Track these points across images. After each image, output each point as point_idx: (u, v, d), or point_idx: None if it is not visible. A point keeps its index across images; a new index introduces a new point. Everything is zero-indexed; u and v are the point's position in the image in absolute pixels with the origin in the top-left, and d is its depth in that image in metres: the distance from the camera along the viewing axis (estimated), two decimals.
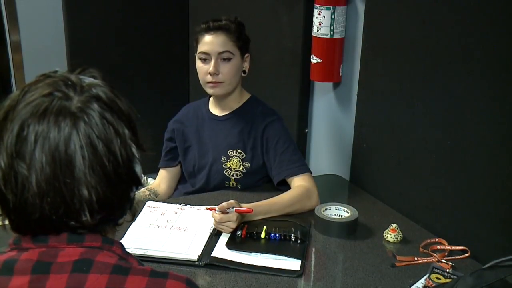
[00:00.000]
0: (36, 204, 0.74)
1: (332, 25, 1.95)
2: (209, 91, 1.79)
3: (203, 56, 1.76)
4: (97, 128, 0.76)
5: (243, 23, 1.82)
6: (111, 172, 0.77)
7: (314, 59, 2.04)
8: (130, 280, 0.76)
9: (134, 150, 0.82)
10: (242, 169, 1.82)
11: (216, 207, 1.53)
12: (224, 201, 1.53)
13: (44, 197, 0.74)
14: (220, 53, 1.74)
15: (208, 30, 1.75)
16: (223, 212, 1.52)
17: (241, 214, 1.54)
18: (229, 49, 1.75)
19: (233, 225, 1.52)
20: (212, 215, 1.55)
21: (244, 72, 1.83)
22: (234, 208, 1.52)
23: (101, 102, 0.78)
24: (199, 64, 1.78)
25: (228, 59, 1.75)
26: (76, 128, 0.75)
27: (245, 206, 1.57)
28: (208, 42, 1.74)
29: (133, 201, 0.85)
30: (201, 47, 1.76)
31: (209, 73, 1.74)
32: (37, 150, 0.73)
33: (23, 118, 0.75)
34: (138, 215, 0.86)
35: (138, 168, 0.83)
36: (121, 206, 0.82)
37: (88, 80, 0.81)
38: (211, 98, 1.90)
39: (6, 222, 0.80)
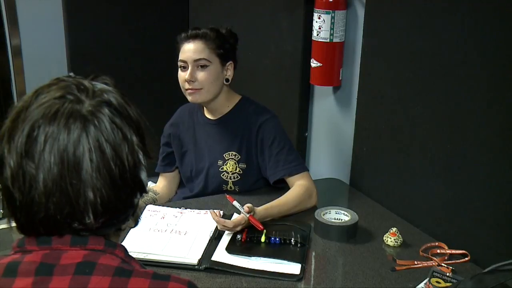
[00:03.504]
0: (42, 203, 0.75)
1: (332, 29, 1.95)
2: (188, 98, 1.80)
3: (182, 64, 1.77)
4: (106, 132, 0.77)
5: (233, 33, 1.82)
6: (117, 176, 0.78)
7: (314, 63, 2.04)
8: (132, 282, 0.77)
9: (141, 156, 0.83)
10: (239, 171, 1.83)
11: (234, 201, 1.57)
12: (224, 205, 1.54)
13: (50, 196, 0.75)
14: (196, 61, 1.74)
15: (186, 38, 1.77)
16: (237, 208, 1.55)
17: (251, 222, 1.55)
18: (205, 57, 1.75)
19: (239, 228, 1.54)
20: (218, 220, 1.54)
21: (227, 80, 1.82)
22: (249, 215, 1.53)
23: (112, 108, 0.80)
24: (179, 72, 1.80)
25: (205, 66, 1.75)
26: (85, 131, 0.76)
27: (257, 209, 1.59)
28: (186, 50, 1.76)
29: (137, 207, 0.86)
30: (180, 55, 1.78)
31: (186, 81, 1.75)
32: (46, 150, 0.75)
33: (34, 119, 0.76)
34: (140, 221, 0.88)
35: (143, 175, 0.84)
36: (124, 211, 0.83)
37: (100, 85, 0.83)
38: None
39: (13, 224, 0.81)
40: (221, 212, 1.66)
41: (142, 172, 0.84)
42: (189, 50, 1.75)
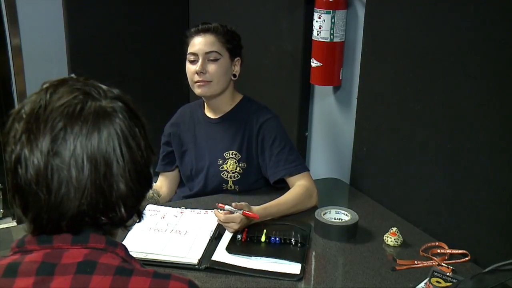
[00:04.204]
0: (75, 200, 0.77)
1: (332, 29, 1.95)
2: (197, 91, 1.80)
3: (192, 57, 1.78)
4: (129, 127, 0.81)
5: (236, 32, 1.84)
6: (141, 169, 0.82)
7: (314, 63, 2.04)
8: (133, 281, 0.77)
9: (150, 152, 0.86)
10: (239, 170, 1.83)
11: (225, 206, 1.55)
12: (224, 204, 1.54)
13: (84, 193, 0.77)
14: (207, 53, 1.76)
15: (197, 32, 1.78)
16: (231, 212, 1.53)
17: (248, 218, 1.55)
18: (217, 50, 1.76)
19: (236, 226, 1.53)
20: (216, 214, 1.56)
21: (234, 75, 1.83)
22: (242, 211, 1.53)
23: (125, 105, 0.83)
24: (188, 65, 1.80)
25: (216, 59, 1.77)
26: (113, 127, 0.79)
27: (255, 209, 1.59)
28: (197, 43, 1.77)
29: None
30: (190, 49, 1.79)
31: (196, 72, 1.76)
32: (77, 149, 0.76)
33: (58, 119, 0.77)
34: (144, 216, 0.90)
35: (151, 170, 0.87)
36: (139, 204, 0.86)
37: (103, 86, 0.84)
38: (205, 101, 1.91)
39: (14, 224, 0.81)
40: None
41: (151, 167, 0.87)
42: (200, 43, 1.76)
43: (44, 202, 0.77)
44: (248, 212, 1.54)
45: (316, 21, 1.98)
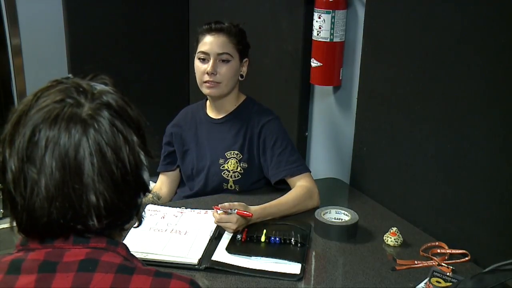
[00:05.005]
0: (44, 208, 0.75)
1: (332, 29, 1.95)
2: (205, 91, 1.80)
3: (202, 56, 1.77)
4: (106, 135, 0.77)
5: (244, 30, 1.84)
6: (119, 179, 0.78)
7: (314, 63, 2.04)
8: (135, 279, 0.78)
9: (142, 157, 0.83)
10: (240, 170, 1.83)
11: (219, 205, 1.55)
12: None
13: (52, 201, 0.75)
14: (219, 54, 1.76)
15: (209, 31, 1.78)
16: (225, 212, 1.53)
17: (246, 217, 1.55)
18: (229, 51, 1.76)
19: (233, 226, 1.53)
20: (213, 214, 1.56)
21: (242, 76, 1.84)
22: (236, 210, 1.53)
23: (111, 110, 0.80)
24: (197, 63, 1.80)
25: (227, 61, 1.77)
26: (86, 135, 0.76)
27: (253, 208, 1.58)
28: (209, 42, 1.76)
29: (140, 207, 0.87)
30: (201, 47, 1.78)
31: (207, 73, 1.76)
32: (47, 155, 0.75)
33: (35, 124, 0.76)
34: (143, 220, 0.89)
35: (146, 175, 0.85)
36: (128, 212, 0.83)
37: (99, 87, 0.82)
38: (208, 101, 1.91)
39: (14, 224, 0.81)
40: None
41: (144, 172, 0.84)
42: (212, 42, 1.76)
43: (20, 207, 0.77)
44: (242, 211, 1.54)
45: (316, 21, 1.98)
